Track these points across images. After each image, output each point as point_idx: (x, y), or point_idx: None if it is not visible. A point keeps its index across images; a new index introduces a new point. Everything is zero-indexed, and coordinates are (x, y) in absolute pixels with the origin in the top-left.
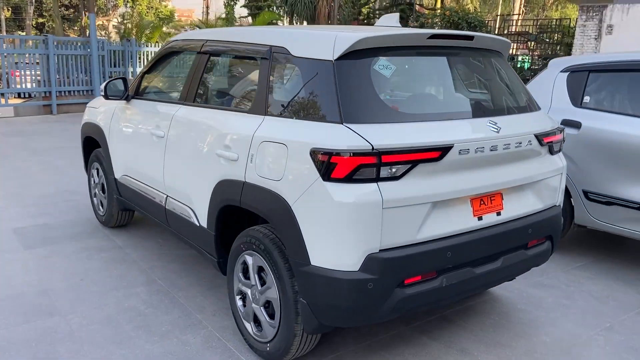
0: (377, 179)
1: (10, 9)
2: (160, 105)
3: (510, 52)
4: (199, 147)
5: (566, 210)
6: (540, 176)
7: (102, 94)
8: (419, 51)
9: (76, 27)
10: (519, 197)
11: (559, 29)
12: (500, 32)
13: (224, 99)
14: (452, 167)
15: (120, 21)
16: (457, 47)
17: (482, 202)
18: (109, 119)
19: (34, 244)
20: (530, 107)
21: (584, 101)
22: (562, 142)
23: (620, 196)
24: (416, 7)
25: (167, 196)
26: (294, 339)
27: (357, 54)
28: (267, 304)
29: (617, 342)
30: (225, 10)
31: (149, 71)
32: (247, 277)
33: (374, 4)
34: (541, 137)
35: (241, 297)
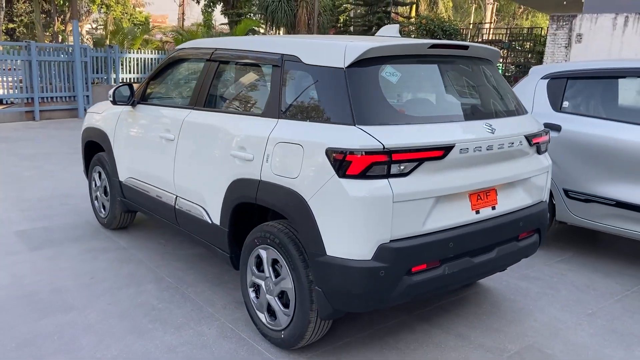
0: (388, 175)
1: None
2: (168, 110)
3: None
4: (212, 149)
5: (548, 207)
6: (529, 174)
7: (110, 99)
8: (421, 59)
9: (48, 33)
10: (511, 193)
11: (530, 38)
12: (473, 40)
13: (235, 104)
14: (453, 164)
15: (93, 27)
16: (454, 55)
17: (479, 197)
18: (113, 124)
19: (39, 245)
20: (519, 110)
21: (563, 106)
22: (548, 142)
23: (597, 194)
24: (392, 15)
25: (177, 196)
26: (309, 325)
27: (366, 62)
28: (281, 294)
29: (600, 326)
30: (202, 17)
31: (155, 77)
32: (260, 270)
33: (350, 12)
34: (530, 138)
35: (254, 289)
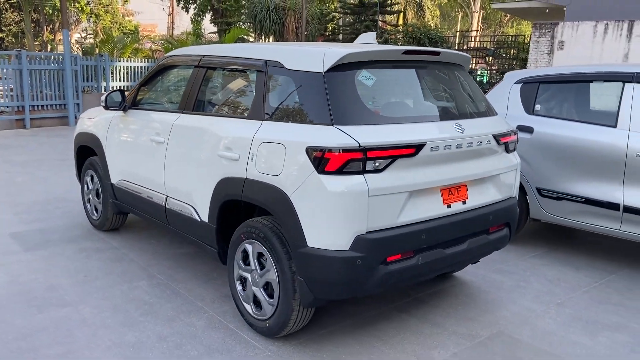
0: (364, 171)
1: None
2: (158, 114)
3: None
4: (201, 150)
5: (522, 206)
6: (498, 171)
7: (102, 105)
8: (395, 64)
9: (37, 42)
10: (481, 189)
11: (514, 45)
12: (459, 47)
13: (221, 107)
14: (425, 161)
15: (83, 36)
16: (427, 61)
17: (450, 192)
18: (105, 128)
19: (34, 246)
20: (488, 112)
21: (536, 109)
22: (516, 142)
23: (568, 192)
24: (380, 24)
25: (167, 196)
26: (292, 313)
27: (343, 67)
28: (266, 285)
29: (567, 314)
30: (192, 25)
31: (145, 84)
32: (246, 264)
33: (339, 20)
34: (498, 137)
35: (241, 282)
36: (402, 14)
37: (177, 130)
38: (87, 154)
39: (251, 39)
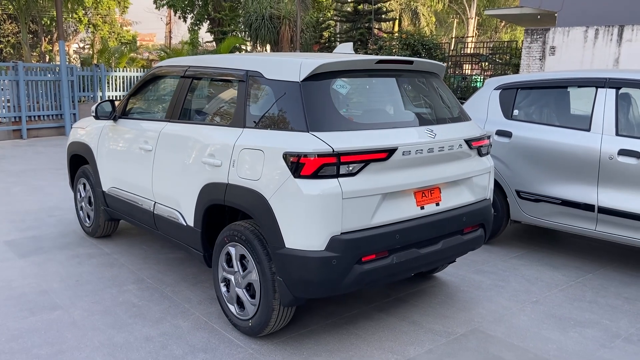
0: (338, 175)
1: None
2: (146, 123)
3: (464, 72)
4: (186, 157)
5: (503, 208)
6: (471, 174)
7: (93, 114)
8: (370, 73)
9: (35, 53)
10: (454, 191)
11: (507, 51)
12: (455, 54)
13: (206, 116)
14: (397, 165)
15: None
16: (400, 69)
17: (423, 195)
18: (96, 137)
19: (27, 253)
20: (461, 118)
21: (514, 114)
22: (490, 146)
23: (545, 194)
24: (375, 31)
25: (155, 202)
26: (273, 313)
27: (319, 76)
28: (249, 286)
29: (541, 312)
30: (189, 35)
31: (134, 94)
32: (230, 266)
33: (334, 28)
34: (470, 142)
35: (225, 283)
36: (397, 21)
37: (164, 138)
38: (80, 162)
39: (248, 48)
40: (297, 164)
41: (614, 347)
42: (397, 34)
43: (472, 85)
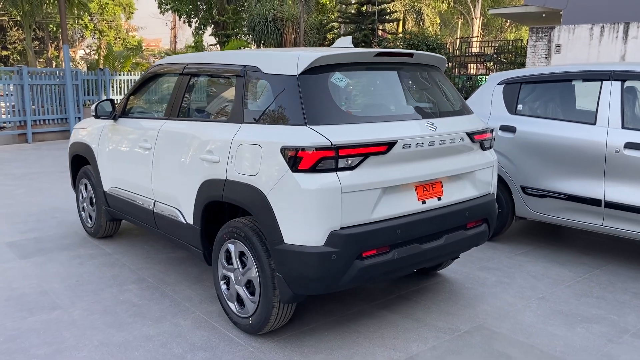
0: (336, 169)
1: None
2: (146, 121)
3: (469, 72)
4: (185, 155)
5: (508, 204)
6: (473, 168)
7: (93, 114)
8: (369, 66)
9: (42, 59)
10: (456, 185)
11: (513, 50)
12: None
13: (204, 112)
14: (397, 159)
15: (87, 52)
16: (400, 62)
17: (425, 189)
18: (97, 137)
19: (29, 254)
20: (463, 111)
21: (518, 109)
22: (492, 140)
23: (551, 189)
24: (379, 32)
25: (155, 201)
26: (272, 310)
27: (317, 70)
28: (248, 284)
29: (547, 308)
30: (193, 39)
31: (134, 93)
32: (229, 263)
33: (338, 30)
34: (472, 135)
35: (225, 281)
36: (401, 22)
37: (163, 136)
38: (81, 163)
39: None
40: (294, 158)
41: (622, 343)
42: (401, 35)
43: (477, 85)
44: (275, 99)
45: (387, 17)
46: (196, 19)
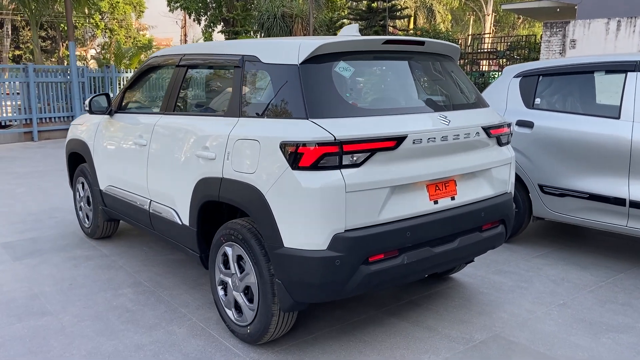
0: (340, 166)
1: None
2: (142, 116)
3: (481, 69)
4: (180, 151)
5: (525, 204)
6: (490, 165)
7: (87, 109)
8: (376, 55)
9: (54, 59)
10: (471, 184)
11: (525, 46)
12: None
13: (200, 106)
14: (407, 155)
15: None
16: (411, 51)
17: (437, 188)
18: (93, 134)
19: (23, 255)
20: (479, 104)
21: (536, 103)
22: (510, 135)
23: (571, 188)
24: (389, 29)
25: (151, 200)
26: (272, 318)
27: (320, 59)
28: (247, 290)
29: (569, 316)
30: (203, 36)
31: (130, 87)
32: (227, 267)
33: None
34: (488, 130)
35: (222, 286)
36: (412, 19)
37: (158, 131)
38: (78, 160)
39: None
40: (295, 155)
41: None
42: (411, 31)
43: (490, 81)
44: (274, 90)
45: (398, 13)
46: (205, 16)
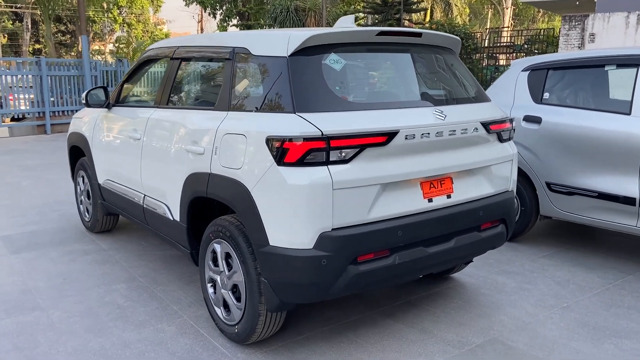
0: (327, 162)
1: (6, 35)
2: (137, 110)
3: (498, 63)
4: (171, 145)
5: (532, 202)
6: (489, 162)
7: (84, 102)
8: (370, 48)
9: (73, 52)
10: (469, 181)
11: (544, 39)
12: (489, 44)
13: (193, 99)
14: (399, 151)
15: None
16: (407, 43)
17: (432, 185)
18: (91, 128)
19: (20, 249)
20: (479, 98)
21: (544, 97)
22: (512, 131)
23: (579, 186)
24: (404, 22)
25: (145, 195)
26: (259, 318)
27: (309, 50)
28: (234, 288)
29: (572, 319)
30: (218, 30)
31: (128, 80)
32: (216, 265)
33: (365, 20)
34: (487, 125)
35: (212, 284)
36: (429, 13)
37: (151, 125)
38: (79, 154)
39: None
40: (280, 150)
41: None
42: (427, 25)
43: None
44: (263, 83)
45: (413, 6)
46: (221, 10)
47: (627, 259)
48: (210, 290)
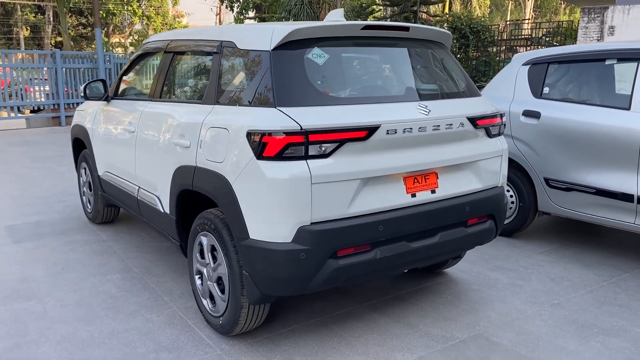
0: (306, 156)
1: (28, 28)
2: (133, 103)
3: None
4: (161, 138)
5: (530, 198)
6: (477, 157)
7: (82, 95)
8: (356, 42)
9: (94, 45)
10: (455, 177)
11: (563, 32)
12: (508, 37)
13: (183, 93)
14: (381, 146)
15: (136, 39)
16: (395, 37)
17: (415, 180)
18: (92, 120)
19: (23, 238)
20: (468, 92)
21: (544, 92)
22: (502, 126)
23: (578, 182)
24: (423, 15)
25: (139, 187)
26: (242, 310)
27: (293, 44)
28: (219, 280)
29: (561, 316)
30: (234, 23)
31: (126, 72)
32: (203, 257)
33: (383, 12)
34: (474, 120)
35: (199, 276)
36: (448, 4)
37: (144, 118)
38: (82, 146)
39: None
40: (260, 144)
41: None
42: (444, 17)
43: None
44: (247, 77)
45: None
46: (238, 3)
47: (627, 257)
48: (197, 282)
